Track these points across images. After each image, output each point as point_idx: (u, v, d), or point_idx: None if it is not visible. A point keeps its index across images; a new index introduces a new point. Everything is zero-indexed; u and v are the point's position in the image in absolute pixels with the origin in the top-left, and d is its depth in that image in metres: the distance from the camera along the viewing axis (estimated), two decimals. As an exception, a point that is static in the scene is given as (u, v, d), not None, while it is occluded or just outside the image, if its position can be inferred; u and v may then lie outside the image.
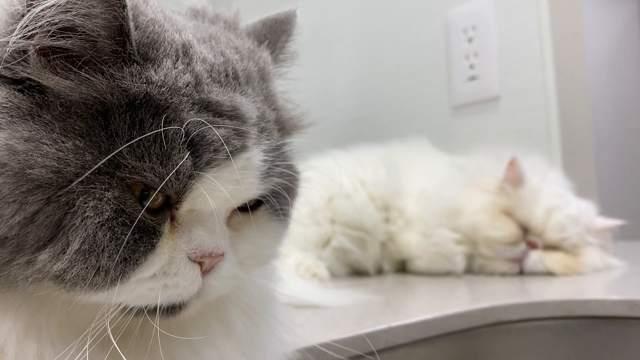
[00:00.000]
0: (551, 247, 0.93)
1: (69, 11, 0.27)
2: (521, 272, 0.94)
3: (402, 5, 1.47)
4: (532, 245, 0.93)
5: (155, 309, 0.31)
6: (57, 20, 0.28)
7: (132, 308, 0.31)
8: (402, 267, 1.09)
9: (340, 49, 1.66)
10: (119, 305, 0.30)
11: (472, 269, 0.98)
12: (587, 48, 1.26)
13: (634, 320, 0.68)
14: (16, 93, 0.28)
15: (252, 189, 0.32)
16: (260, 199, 0.35)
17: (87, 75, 0.28)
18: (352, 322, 0.65)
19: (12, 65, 0.29)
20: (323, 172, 1.12)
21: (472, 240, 0.95)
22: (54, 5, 0.27)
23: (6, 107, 0.28)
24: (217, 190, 0.30)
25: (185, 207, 0.30)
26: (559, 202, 0.94)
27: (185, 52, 0.31)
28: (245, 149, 0.31)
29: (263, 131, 0.33)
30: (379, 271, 1.08)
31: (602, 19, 1.83)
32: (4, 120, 0.27)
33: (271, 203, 0.36)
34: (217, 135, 0.29)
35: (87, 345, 0.29)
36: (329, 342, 0.56)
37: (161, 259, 0.30)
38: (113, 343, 0.29)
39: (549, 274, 0.91)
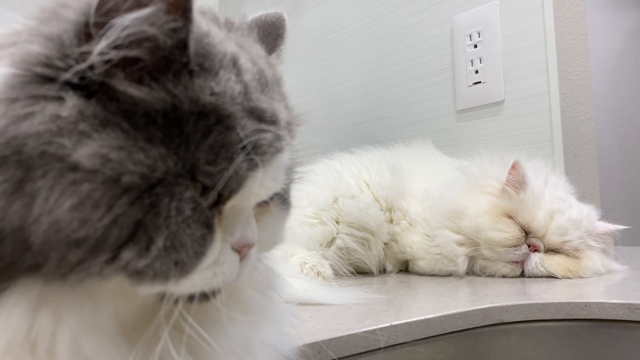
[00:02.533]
0: (553, 250, 0.94)
1: (145, 23, 0.29)
2: (522, 275, 0.94)
3: (408, 11, 1.48)
4: (534, 248, 0.93)
5: (193, 296, 0.34)
6: (136, 32, 0.29)
7: (178, 297, 0.33)
8: (405, 268, 1.10)
9: (347, 52, 1.67)
10: (171, 295, 0.33)
11: (474, 271, 0.98)
12: (591, 54, 1.27)
13: (634, 323, 0.69)
14: (92, 102, 0.30)
15: (280, 184, 0.36)
16: None
17: (165, 85, 0.30)
18: (354, 320, 0.65)
19: (89, 75, 0.30)
20: (329, 173, 1.13)
21: (474, 242, 0.96)
22: (136, 18, 0.29)
23: (86, 115, 0.29)
24: (262, 188, 0.34)
25: (231, 203, 0.34)
26: (561, 205, 0.94)
27: (234, 63, 0.33)
28: (282, 150, 0.34)
29: (290, 132, 0.37)
30: (382, 271, 1.09)
31: (606, 25, 1.83)
32: (87, 128, 0.29)
33: (281, 194, 0.40)
34: (266, 140, 0.33)
35: (166, 335, 0.32)
36: (332, 339, 0.57)
37: (215, 250, 0.33)
38: (194, 327, 0.33)
39: (550, 276, 0.92)
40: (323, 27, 1.74)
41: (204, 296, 0.34)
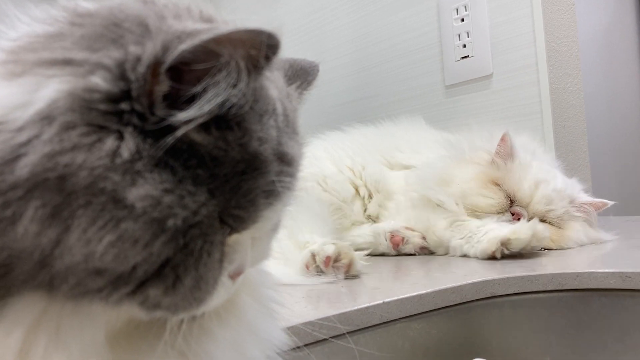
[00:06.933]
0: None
1: (234, 90, 0.29)
2: None
3: (394, -15, 1.46)
4: (517, 217, 0.93)
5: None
6: (224, 99, 0.29)
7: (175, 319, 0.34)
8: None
9: (333, 31, 1.65)
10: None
11: None
12: (579, 25, 1.26)
13: (625, 292, 0.69)
14: (148, 140, 0.29)
15: (281, 216, 0.38)
16: None
17: (224, 133, 0.30)
18: (347, 299, 0.65)
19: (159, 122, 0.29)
20: (332, 145, 1.13)
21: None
22: (225, 88, 0.29)
23: (143, 155, 0.28)
24: (268, 223, 0.35)
25: (236, 234, 0.34)
26: (546, 175, 0.94)
27: (274, 109, 0.33)
28: (292, 189, 0.35)
29: (298, 169, 0.36)
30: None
31: (594, -4, 1.82)
32: (142, 168, 0.28)
33: None
34: (285, 182, 0.33)
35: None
36: (324, 317, 0.57)
37: (222, 281, 0.34)
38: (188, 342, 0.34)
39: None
40: (308, 5, 1.72)
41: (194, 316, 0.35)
